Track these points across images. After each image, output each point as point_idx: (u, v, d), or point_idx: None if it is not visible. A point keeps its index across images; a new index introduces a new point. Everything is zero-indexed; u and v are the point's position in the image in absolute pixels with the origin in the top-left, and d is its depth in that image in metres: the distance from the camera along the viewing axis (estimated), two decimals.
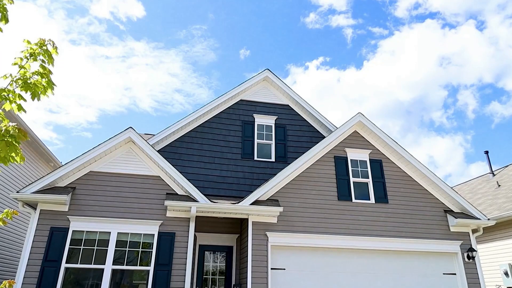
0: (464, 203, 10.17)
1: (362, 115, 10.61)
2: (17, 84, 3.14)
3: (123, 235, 8.41)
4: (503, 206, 13.04)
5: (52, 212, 8.27)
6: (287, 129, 11.82)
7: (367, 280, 9.24)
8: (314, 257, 9.19)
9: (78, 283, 8.02)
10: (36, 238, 8.01)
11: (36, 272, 7.72)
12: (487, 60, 39.93)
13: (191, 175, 10.19)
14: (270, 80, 12.24)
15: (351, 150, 10.42)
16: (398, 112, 49.39)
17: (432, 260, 9.78)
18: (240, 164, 11.05)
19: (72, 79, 42.82)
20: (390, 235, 9.56)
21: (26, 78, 3.17)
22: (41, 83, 3.23)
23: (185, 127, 11.12)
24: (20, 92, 3.16)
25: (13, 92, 3.14)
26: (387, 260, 9.55)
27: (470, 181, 19.48)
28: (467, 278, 9.52)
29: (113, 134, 8.99)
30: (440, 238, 9.82)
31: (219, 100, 11.55)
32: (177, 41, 42.40)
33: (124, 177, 8.91)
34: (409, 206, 10.06)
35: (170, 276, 8.17)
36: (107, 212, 8.50)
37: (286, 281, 8.81)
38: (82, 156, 8.62)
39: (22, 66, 3.20)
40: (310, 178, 9.82)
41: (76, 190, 8.57)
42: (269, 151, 11.45)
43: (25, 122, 10.58)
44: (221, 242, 10.16)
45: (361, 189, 10.06)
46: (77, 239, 8.20)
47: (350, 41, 43.29)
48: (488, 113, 43.53)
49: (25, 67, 3.20)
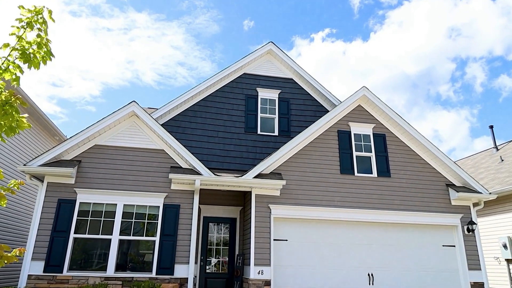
0: (466, 177, 10.24)
1: (367, 89, 10.53)
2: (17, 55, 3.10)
3: (129, 207, 8.60)
4: (505, 180, 13.11)
5: (59, 184, 8.45)
6: (291, 103, 11.77)
7: (368, 251, 9.46)
8: (316, 229, 9.38)
9: (87, 252, 8.30)
10: (45, 209, 8.23)
11: (46, 242, 7.98)
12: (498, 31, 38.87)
13: (195, 148, 10.28)
14: (274, 53, 12.09)
15: (354, 124, 10.42)
16: (405, 86, 48.81)
17: (432, 232, 9.96)
18: (243, 138, 11.10)
19: (73, 52, 42.44)
20: (391, 208, 9.71)
21: (25, 49, 3.14)
22: (40, 53, 3.20)
23: (189, 101, 11.11)
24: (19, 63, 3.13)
25: (13, 63, 3.12)
26: (388, 232, 9.73)
27: (473, 156, 19.49)
28: (466, 250, 9.73)
29: (117, 108, 9.04)
30: (441, 212, 9.96)
31: (222, 74, 11.47)
32: (179, 13, 41.58)
33: (129, 151, 9.02)
34: (411, 180, 10.15)
35: (175, 246, 8.42)
36: (113, 185, 8.66)
37: (288, 251, 9.05)
38: (87, 130, 8.70)
39: (20, 37, 3.15)
40: (313, 152, 9.87)
41: (81, 163, 8.70)
42: (272, 125, 11.47)
43: (29, 96, 10.60)
44: (225, 214, 10.38)
45: (364, 163, 10.13)
46: (85, 210, 8.41)
47: (357, 12, 42.24)
48: (496, 87, 42.90)
49: (22, 38, 3.15)
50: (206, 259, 9.98)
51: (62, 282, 7.80)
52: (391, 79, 46.93)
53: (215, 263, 10.09)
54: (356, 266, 9.29)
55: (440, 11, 39.41)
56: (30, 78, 41.03)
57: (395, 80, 47.14)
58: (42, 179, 8.46)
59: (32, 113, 11.36)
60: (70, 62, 42.51)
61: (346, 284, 9.09)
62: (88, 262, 8.22)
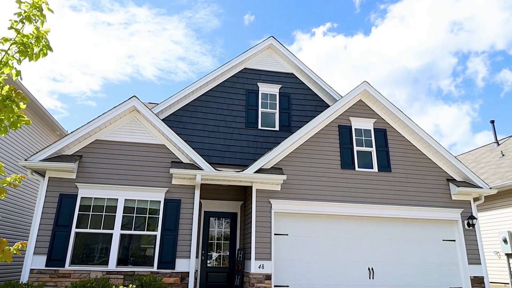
0: (466, 171, 10.24)
1: (368, 83, 10.50)
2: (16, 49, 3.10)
3: (131, 201, 8.63)
4: (506, 175, 13.11)
5: (60, 179, 8.47)
6: (292, 98, 11.76)
7: (368, 246, 9.50)
8: (317, 223, 9.41)
9: (88, 246, 8.34)
10: (46, 204, 8.27)
11: (48, 236, 8.03)
12: (501, 25, 38.62)
13: (196, 143, 10.29)
14: (275, 48, 12.05)
15: (355, 119, 10.41)
16: (406, 80, 48.66)
17: (433, 227, 9.98)
18: (244, 133, 11.10)
19: (74, 47, 42.33)
20: (392, 203, 9.72)
21: (24, 43, 3.13)
22: (38, 46, 3.20)
23: (189, 96, 11.10)
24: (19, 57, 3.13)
25: (12, 57, 3.12)
26: (388, 226, 9.76)
27: (474, 151, 19.47)
28: (466, 244, 9.75)
29: (117, 103, 9.04)
30: (442, 206, 9.97)
31: (223, 69, 11.44)
32: (179, 7, 41.38)
33: (130, 146, 9.03)
34: (412, 175, 10.15)
35: (176, 240, 8.46)
36: (114, 180, 8.68)
37: (289, 246, 9.09)
38: (88, 125, 8.71)
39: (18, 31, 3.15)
40: (314, 147, 9.88)
41: (83, 158, 8.72)
42: (273, 120, 11.46)
43: (30, 91, 10.59)
44: (226, 208, 10.41)
45: (364, 158, 10.13)
46: (86, 205, 8.44)
47: (358, 6, 42.00)
48: (498, 81, 42.73)
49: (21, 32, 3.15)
50: (207, 253, 10.03)
51: (64, 276, 7.85)
52: (393, 73, 46.79)
53: (216, 257, 10.15)
54: (357, 261, 9.33)
55: (442, 5, 39.18)
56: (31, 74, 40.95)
57: (396, 74, 47.00)
58: (44, 174, 8.49)
59: (33, 108, 11.37)
60: (71, 57, 42.42)
61: (347, 279, 9.14)
62: (90, 256, 8.26)
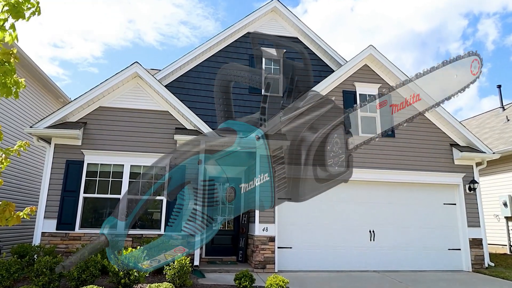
0: (470, 136, 10.23)
1: (374, 47, 10.28)
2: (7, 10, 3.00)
3: (136, 167, 8.77)
4: (509, 140, 13.09)
5: (66, 146, 8.57)
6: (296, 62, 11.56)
7: (370, 210, 9.71)
8: None
9: (97, 211, 8.58)
10: (54, 170, 8.42)
11: (57, 201, 8.24)
12: None
13: (199, 110, 10.25)
14: (279, 11, 11.71)
15: (360, 84, 10.30)
16: (413, 44, 47.50)
17: (434, 191, 10.13)
18: (248, 99, 11.04)
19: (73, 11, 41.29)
20: (395, 168, 9.82)
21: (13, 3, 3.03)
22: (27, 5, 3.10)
23: (192, 62, 10.95)
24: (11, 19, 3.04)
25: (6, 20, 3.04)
26: (390, 191, 9.91)
27: (479, 116, 19.33)
28: (466, 208, 9.93)
29: (120, 70, 8.95)
30: (444, 171, 10.06)
31: (225, 33, 11.20)
32: None
33: (134, 112, 9.04)
34: (415, 140, 10.17)
35: None
36: (119, 146, 8.77)
37: (292, 209, 9.29)
38: (91, 91, 8.69)
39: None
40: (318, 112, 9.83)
41: (87, 125, 8.77)
42: (277, 86, 11.35)
43: (31, 58, 10.47)
44: (231, 173, 10.55)
45: (368, 123, 10.11)
46: (93, 171, 8.59)
47: None
48: (508, 44, 41.64)
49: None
50: None
51: (75, 238, 8.13)
52: (400, 37, 45.61)
53: (221, 221, 10.42)
54: (358, 224, 9.57)
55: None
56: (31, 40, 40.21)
57: (403, 38, 45.82)
58: (49, 141, 8.58)
59: (35, 75, 11.28)
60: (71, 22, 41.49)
61: (347, 240, 9.41)
62: (98, 220, 8.51)
